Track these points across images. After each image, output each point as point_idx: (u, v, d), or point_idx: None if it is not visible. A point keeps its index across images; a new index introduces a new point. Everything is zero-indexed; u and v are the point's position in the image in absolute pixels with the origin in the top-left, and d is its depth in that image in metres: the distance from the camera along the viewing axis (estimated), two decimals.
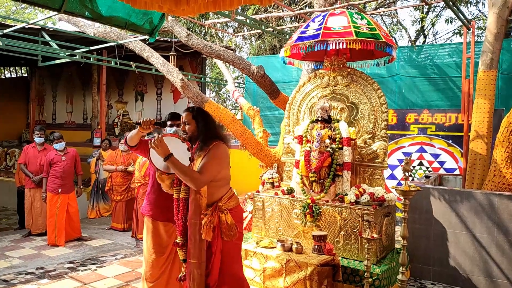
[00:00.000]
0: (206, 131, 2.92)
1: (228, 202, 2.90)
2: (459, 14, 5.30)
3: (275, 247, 3.87)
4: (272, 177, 5.20)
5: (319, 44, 4.19)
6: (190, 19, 9.76)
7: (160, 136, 2.76)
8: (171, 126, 3.46)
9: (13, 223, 7.31)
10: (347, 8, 5.31)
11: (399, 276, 3.34)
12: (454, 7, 5.05)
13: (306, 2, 10.42)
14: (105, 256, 5.42)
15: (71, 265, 5.02)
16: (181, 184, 2.93)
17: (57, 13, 3.63)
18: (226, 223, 2.82)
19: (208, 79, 12.97)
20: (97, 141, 9.80)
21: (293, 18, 13.33)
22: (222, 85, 15.75)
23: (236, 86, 8.02)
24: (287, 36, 7.76)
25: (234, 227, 2.85)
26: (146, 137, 3.52)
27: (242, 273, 3.12)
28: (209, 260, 2.85)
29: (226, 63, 7.49)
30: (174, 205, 3.02)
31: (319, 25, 4.34)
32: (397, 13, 13.79)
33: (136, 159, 6.62)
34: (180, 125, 3.37)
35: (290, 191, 4.40)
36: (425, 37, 14.43)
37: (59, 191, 5.96)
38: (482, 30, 11.98)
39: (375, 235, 3.37)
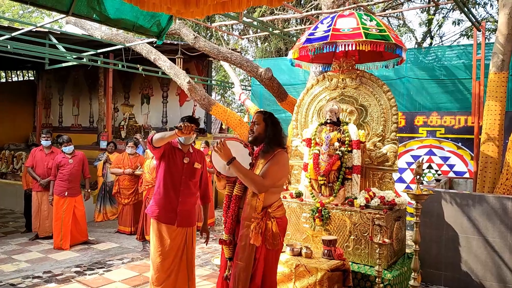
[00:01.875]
0: (273, 136, 2.92)
1: (277, 210, 2.88)
2: (470, 15, 5.23)
3: (284, 252, 3.81)
4: None
5: (328, 46, 4.15)
6: (196, 22, 9.76)
7: (223, 140, 2.75)
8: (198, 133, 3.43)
9: (20, 226, 7.31)
10: (355, 10, 5.26)
11: (411, 282, 3.27)
12: (465, 8, 4.98)
13: (313, 4, 10.38)
14: (112, 260, 5.39)
15: (78, 269, 5.00)
16: (236, 181, 2.91)
17: (65, 15, 3.61)
18: (272, 232, 2.79)
19: (214, 82, 12.96)
20: (103, 144, 9.80)
21: (298, 21, 13.31)
22: (227, 88, 15.74)
23: (242, 89, 8.00)
24: (294, 38, 7.72)
25: (278, 236, 2.82)
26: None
27: (276, 282, 3.08)
28: (253, 265, 2.81)
29: (233, 66, 7.47)
30: (224, 201, 3.00)
31: (327, 26, 4.30)
32: (402, 15, 13.71)
33: (144, 162, 6.59)
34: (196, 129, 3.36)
35: (299, 195, 4.35)
36: (431, 39, 14.34)
37: (66, 194, 5.94)
38: (490, 32, 11.88)
39: (386, 240, 3.31)
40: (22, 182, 7.33)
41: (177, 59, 7.90)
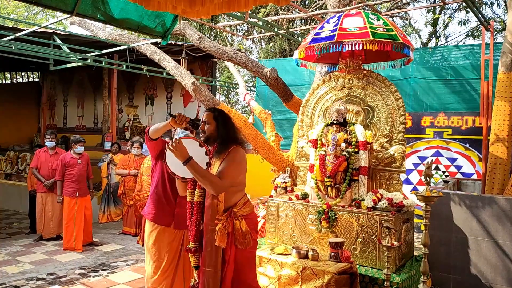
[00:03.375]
0: (225, 134, 2.84)
1: (243, 208, 2.81)
2: (478, 14, 5.16)
3: (290, 254, 3.76)
4: (285, 182, 5.11)
5: (334, 46, 4.09)
6: (201, 22, 9.73)
7: (177, 138, 2.66)
8: (184, 129, 3.38)
9: (24, 227, 7.30)
10: (362, 9, 5.21)
11: (420, 285, 3.21)
12: (474, 8, 4.91)
13: (318, 4, 10.33)
14: (116, 261, 5.36)
15: (82, 271, 4.97)
16: (196, 187, 2.84)
17: (69, 15, 3.58)
18: (241, 230, 2.72)
19: (218, 83, 12.93)
20: (107, 145, 9.80)
21: (303, 21, 13.25)
22: (232, 89, 15.71)
23: (246, 90, 7.95)
24: (300, 39, 7.67)
25: (248, 234, 2.75)
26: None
27: (256, 282, 3.02)
28: (222, 268, 2.75)
29: (237, 66, 7.43)
30: (187, 209, 2.93)
31: (334, 26, 4.24)
32: (408, 14, 13.63)
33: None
34: (193, 130, 3.31)
35: (305, 196, 4.30)
36: (437, 39, 14.25)
37: (77, 194, 6.00)
38: (496, 32, 11.77)
39: (395, 243, 3.25)
40: (26, 183, 7.33)
41: (181, 60, 7.88)
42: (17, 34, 6.36)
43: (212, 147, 2.91)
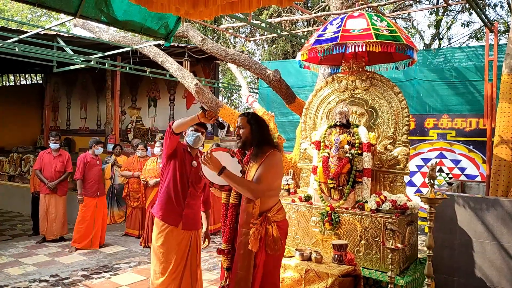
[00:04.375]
0: (260, 136, 2.83)
1: (277, 214, 2.80)
2: (482, 15, 5.14)
3: (293, 256, 3.75)
4: (287, 184, 5.09)
5: (337, 47, 4.08)
6: (204, 24, 9.74)
7: (209, 152, 2.69)
8: (196, 131, 3.39)
9: (27, 229, 7.31)
10: (365, 11, 5.20)
11: None
12: (478, 9, 4.89)
13: (321, 6, 10.33)
14: (119, 263, 5.36)
15: (85, 272, 4.96)
16: (231, 189, 2.85)
17: (73, 17, 3.59)
18: (272, 236, 2.71)
19: (221, 85, 12.95)
20: (110, 147, 9.81)
21: (305, 23, 13.25)
22: (234, 91, 15.72)
23: (249, 92, 7.95)
24: (303, 40, 7.67)
25: (279, 241, 2.74)
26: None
27: (279, 287, 3.00)
28: (252, 272, 2.73)
29: (240, 68, 7.43)
30: (222, 210, 2.94)
31: (337, 27, 4.23)
32: (410, 16, 13.62)
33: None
34: (205, 132, 3.32)
35: (308, 198, 4.28)
36: (440, 40, 14.22)
37: (97, 194, 6.16)
38: (500, 33, 11.74)
39: (399, 245, 3.23)
40: (30, 184, 7.34)
41: (184, 62, 7.90)
42: (21, 36, 6.38)
43: (249, 151, 2.90)
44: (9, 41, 6.61)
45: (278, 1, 2.81)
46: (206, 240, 3.55)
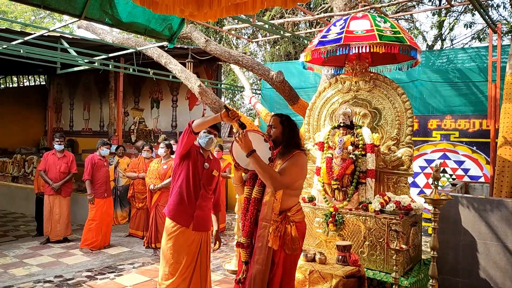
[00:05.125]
0: (290, 138, 2.88)
1: (296, 215, 2.82)
2: (485, 16, 5.14)
3: None
4: None
5: (341, 48, 4.09)
6: (207, 25, 9.77)
7: (245, 131, 2.71)
8: (209, 133, 3.40)
9: (31, 230, 7.33)
10: (368, 12, 5.20)
11: None
12: (481, 9, 4.89)
13: (323, 8, 10.34)
14: (123, 264, 5.37)
15: (89, 273, 4.98)
16: (255, 184, 2.87)
17: (77, 19, 3.61)
18: (291, 236, 2.74)
19: (223, 86, 12.96)
20: (113, 148, 9.83)
21: (308, 24, 13.26)
22: (237, 92, 15.74)
23: (252, 93, 7.96)
24: (305, 41, 7.68)
25: (297, 241, 2.77)
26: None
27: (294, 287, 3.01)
28: (271, 269, 2.75)
29: (243, 69, 7.44)
30: (243, 204, 2.95)
31: (340, 29, 4.24)
32: (413, 17, 13.61)
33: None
34: (217, 135, 3.34)
35: (311, 199, 4.28)
36: (443, 41, 14.20)
37: (105, 195, 6.21)
38: (503, 34, 11.71)
39: (403, 246, 3.23)
40: (33, 185, 7.37)
41: (187, 63, 7.91)
42: (25, 38, 6.41)
43: (276, 150, 2.93)
44: (13, 42, 6.64)
45: (282, 2, 2.82)
46: (217, 242, 3.55)
